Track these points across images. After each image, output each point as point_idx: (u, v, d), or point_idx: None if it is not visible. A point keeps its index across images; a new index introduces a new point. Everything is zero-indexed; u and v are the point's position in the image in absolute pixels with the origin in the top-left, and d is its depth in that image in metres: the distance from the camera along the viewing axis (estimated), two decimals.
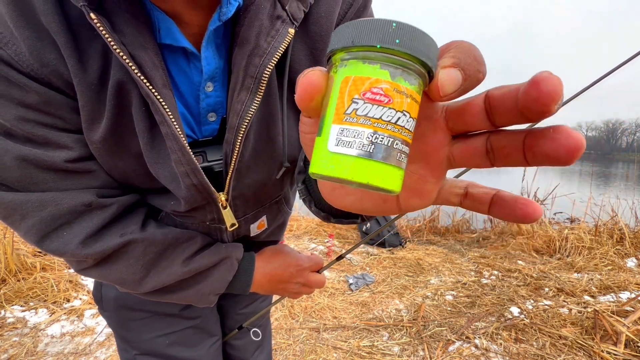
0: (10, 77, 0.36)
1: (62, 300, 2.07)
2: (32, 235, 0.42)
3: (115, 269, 0.46)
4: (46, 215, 0.41)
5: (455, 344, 1.89)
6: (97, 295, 0.64)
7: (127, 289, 0.50)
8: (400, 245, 3.68)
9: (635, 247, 3.55)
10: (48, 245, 0.42)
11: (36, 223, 0.41)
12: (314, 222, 4.36)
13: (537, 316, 2.18)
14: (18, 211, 0.40)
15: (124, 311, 0.61)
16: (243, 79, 0.41)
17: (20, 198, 0.40)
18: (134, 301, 0.61)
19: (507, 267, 3.09)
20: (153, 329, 0.62)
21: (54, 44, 0.36)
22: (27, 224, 0.41)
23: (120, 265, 0.46)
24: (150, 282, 0.48)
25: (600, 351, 1.77)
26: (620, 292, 2.55)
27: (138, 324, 0.62)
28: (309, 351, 1.81)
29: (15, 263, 2.16)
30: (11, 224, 0.42)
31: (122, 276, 0.47)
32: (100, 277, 0.48)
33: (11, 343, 1.72)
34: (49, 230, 0.42)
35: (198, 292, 0.52)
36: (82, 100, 0.39)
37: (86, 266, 0.46)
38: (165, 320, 0.63)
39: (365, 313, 2.25)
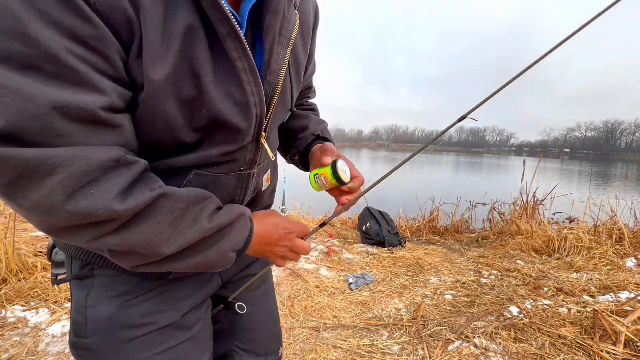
0: (77, 6, 0.34)
1: (63, 299, 2.07)
2: (57, 195, 0.37)
3: (141, 229, 0.43)
4: (75, 170, 0.37)
5: (454, 343, 1.90)
6: (79, 320, 0.56)
7: (148, 253, 0.45)
8: (400, 244, 3.69)
9: (634, 246, 3.56)
10: (74, 205, 0.38)
11: (64, 180, 0.36)
12: (314, 222, 4.37)
13: (536, 316, 2.19)
14: (42, 167, 0.35)
15: (118, 332, 0.55)
16: (278, 37, 0.52)
17: (46, 152, 0.35)
18: (134, 316, 0.56)
19: (506, 267, 3.10)
20: (151, 346, 0.57)
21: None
22: (51, 182, 0.36)
23: (147, 224, 0.43)
24: (175, 242, 0.46)
25: (599, 351, 1.78)
26: (620, 291, 2.56)
27: (134, 344, 0.56)
28: (309, 350, 1.81)
29: (16, 263, 2.16)
30: (25, 186, 0.36)
31: (148, 236, 0.44)
32: (122, 242, 0.43)
33: (12, 343, 1.72)
34: (77, 188, 0.38)
35: (219, 250, 0.51)
36: (150, 36, 0.40)
37: (108, 231, 0.42)
38: (164, 334, 0.59)
39: (365, 312, 2.26)
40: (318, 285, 2.60)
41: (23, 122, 0.34)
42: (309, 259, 3.16)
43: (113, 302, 0.55)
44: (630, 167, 19.83)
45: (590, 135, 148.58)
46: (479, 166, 29.42)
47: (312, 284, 2.60)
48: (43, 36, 0.34)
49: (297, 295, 2.42)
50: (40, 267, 2.23)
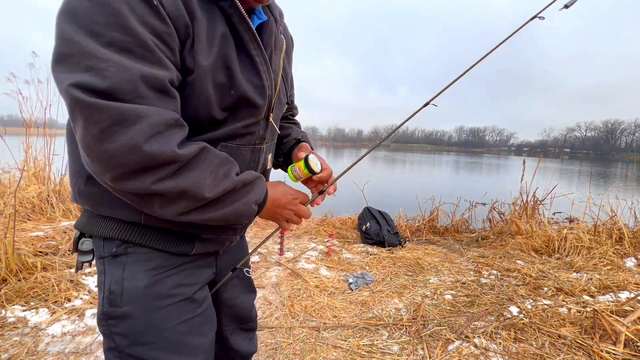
0: (159, 12, 0.53)
1: (63, 299, 2.07)
2: (139, 138, 0.50)
3: (192, 174, 0.56)
4: (152, 122, 0.51)
5: (454, 343, 1.90)
6: (116, 290, 0.65)
7: (195, 196, 0.57)
8: (400, 244, 3.69)
9: (634, 246, 3.56)
10: (150, 147, 0.51)
11: (144, 128, 0.51)
12: (314, 222, 4.37)
13: (536, 315, 2.19)
14: (131, 117, 0.49)
15: (151, 300, 0.66)
16: (274, 49, 0.75)
17: (134, 107, 0.50)
18: (164, 287, 0.68)
19: (506, 267, 3.10)
20: (174, 316, 0.68)
21: (178, 3, 0.56)
22: (135, 129, 0.50)
23: (196, 171, 0.57)
24: (215, 188, 0.59)
25: (599, 351, 1.78)
26: (620, 291, 2.56)
27: (162, 313, 0.67)
28: (309, 350, 1.81)
29: (16, 263, 2.16)
30: (116, 131, 0.49)
31: (196, 181, 0.56)
32: (177, 184, 0.55)
33: (12, 343, 1.72)
34: (154, 133, 0.52)
35: (246, 202, 0.65)
36: (200, 37, 0.59)
37: (167, 174, 0.54)
38: (184, 306, 0.70)
39: (364, 312, 2.26)
40: (318, 285, 2.60)
41: (121, 85, 0.49)
42: (309, 259, 3.16)
43: (147, 275, 0.66)
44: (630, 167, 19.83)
45: (590, 135, 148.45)
46: (479, 166, 29.42)
47: (312, 284, 2.60)
48: (137, 29, 0.51)
49: (297, 295, 2.42)
50: (40, 267, 2.23)
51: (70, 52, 0.49)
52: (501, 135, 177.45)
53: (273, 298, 2.36)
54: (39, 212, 3.19)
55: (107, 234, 0.67)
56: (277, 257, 3.15)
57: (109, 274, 0.67)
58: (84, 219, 0.71)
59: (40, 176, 3.56)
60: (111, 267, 0.67)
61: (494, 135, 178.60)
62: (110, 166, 0.51)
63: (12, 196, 2.94)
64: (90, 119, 0.49)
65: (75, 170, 0.68)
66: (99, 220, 0.68)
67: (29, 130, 3.51)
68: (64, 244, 2.56)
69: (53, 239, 2.61)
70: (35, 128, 3.56)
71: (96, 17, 0.49)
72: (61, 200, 3.33)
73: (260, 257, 3.13)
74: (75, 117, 0.50)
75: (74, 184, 0.69)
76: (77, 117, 0.50)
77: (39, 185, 3.42)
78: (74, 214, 3.30)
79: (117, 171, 0.52)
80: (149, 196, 0.56)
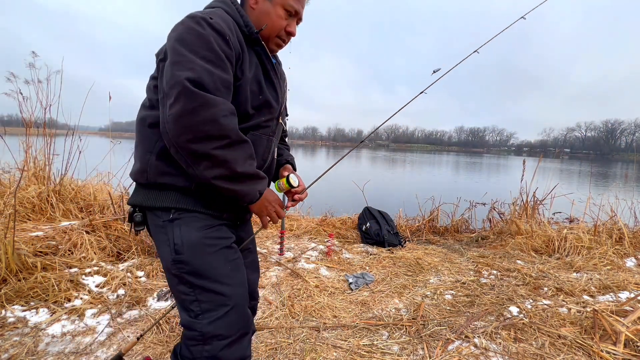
0: (228, 43, 0.91)
1: (63, 299, 2.07)
2: (216, 115, 0.84)
3: (235, 151, 0.89)
4: (224, 107, 0.86)
5: (454, 343, 1.90)
6: (179, 243, 0.92)
7: (230, 166, 0.88)
8: (400, 244, 3.69)
9: (634, 247, 3.56)
10: (223, 120, 0.85)
11: (219, 110, 0.84)
12: (314, 222, 4.37)
13: (536, 315, 2.19)
14: (211, 102, 0.83)
15: (204, 247, 0.94)
16: (281, 79, 1.16)
17: (214, 97, 0.85)
18: (211, 238, 0.96)
19: (506, 267, 3.10)
20: (222, 258, 0.97)
21: (237, 41, 0.95)
22: (214, 109, 0.84)
23: (238, 151, 0.89)
24: (244, 168, 0.91)
25: (599, 351, 1.78)
26: (620, 291, 2.56)
27: (212, 256, 0.95)
28: (309, 350, 1.81)
29: (16, 263, 2.16)
30: (200, 109, 0.82)
31: (235, 157, 0.88)
32: (224, 155, 0.87)
33: (12, 343, 1.72)
34: (226, 114, 0.86)
35: (255, 188, 0.97)
36: (246, 60, 0.98)
37: (222, 144, 0.86)
38: (228, 250, 1.00)
39: (365, 312, 2.26)
40: (318, 285, 2.60)
41: (207, 82, 0.84)
42: (309, 259, 3.16)
43: (199, 231, 0.95)
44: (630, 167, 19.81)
45: (590, 135, 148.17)
46: (479, 166, 29.41)
47: (312, 284, 2.60)
48: (217, 50, 0.88)
49: (297, 295, 2.42)
50: (40, 267, 2.23)
51: (180, 60, 0.85)
52: (501, 135, 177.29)
53: (273, 298, 2.36)
54: (39, 212, 3.18)
55: (164, 205, 0.94)
56: (277, 257, 3.15)
57: (170, 232, 0.94)
58: (140, 196, 0.98)
59: (40, 176, 3.55)
60: (171, 228, 0.94)
61: (494, 135, 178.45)
62: (191, 131, 0.82)
63: (12, 196, 2.94)
64: (190, 99, 0.81)
65: (147, 150, 0.95)
66: (156, 195, 0.95)
67: (29, 130, 3.51)
68: (64, 244, 2.56)
69: (53, 239, 2.60)
70: (35, 128, 3.55)
71: (196, 41, 0.87)
72: (61, 200, 3.33)
73: (260, 257, 3.12)
74: (179, 98, 0.81)
75: (145, 161, 0.95)
76: (180, 98, 0.81)
77: (39, 185, 3.42)
78: (74, 213, 3.30)
79: (193, 134, 0.83)
80: (203, 158, 0.85)
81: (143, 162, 0.95)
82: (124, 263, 2.60)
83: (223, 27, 0.90)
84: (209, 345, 0.92)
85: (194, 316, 0.93)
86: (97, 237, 2.71)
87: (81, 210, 3.37)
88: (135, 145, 1.00)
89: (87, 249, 2.57)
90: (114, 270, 2.42)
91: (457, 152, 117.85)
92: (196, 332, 0.92)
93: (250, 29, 1.01)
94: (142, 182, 0.97)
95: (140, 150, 0.97)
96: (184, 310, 0.96)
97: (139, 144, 0.98)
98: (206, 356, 0.92)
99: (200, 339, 0.92)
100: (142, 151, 0.96)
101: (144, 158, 0.95)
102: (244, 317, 0.99)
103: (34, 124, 3.56)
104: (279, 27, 1.07)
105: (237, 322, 0.96)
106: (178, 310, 0.99)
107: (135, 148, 1.00)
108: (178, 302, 0.98)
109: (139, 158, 0.97)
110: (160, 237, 0.96)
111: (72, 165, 3.56)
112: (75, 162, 3.56)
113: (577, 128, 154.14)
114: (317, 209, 5.01)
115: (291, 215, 4.68)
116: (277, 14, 1.05)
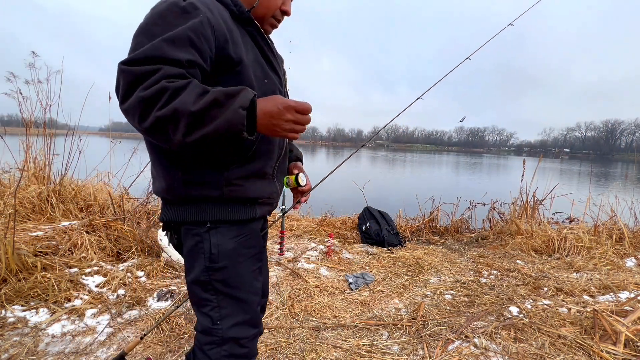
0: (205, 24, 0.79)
1: (63, 299, 2.07)
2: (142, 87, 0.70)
3: (177, 98, 0.70)
4: (160, 75, 0.72)
5: (454, 343, 1.90)
6: (215, 252, 0.91)
7: (185, 110, 0.70)
8: (400, 244, 3.69)
9: (634, 246, 3.56)
10: (145, 88, 0.70)
11: (166, 74, 0.72)
12: (314, 222, 4.37)
13: (536, 316, 2.19)
14: (137, 72, 0.71)
15: (237, 257, 0.94)
16: (282, 64, 1.11)
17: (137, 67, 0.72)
18: (244, 247, 0.96)
19: (506, 267, 3.10)
20: (250, 265, 0.98)
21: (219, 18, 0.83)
22: (149, 81, 0.71)
23: (181, 95, 0.70)
24: (198, 103, 0.71)
25: (599, 351, 1.78)
26: (620, 291, 2.56)
27: (244, 264, 0.96)
28: (309, 350, 1.81)
29: (16, 263, 2.16)
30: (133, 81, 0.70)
31: (182, 100, 0.70)
32: (170, 107, 0.70)
33: (12, 343, 1.72)
34: (154, 83, 0.71)
35: (232, 109, 0.73)
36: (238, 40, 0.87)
37: (163, 103, 0.70)
38: (254, 258, 0.99)
39: (365, 312, 2.26)
40: (318, 285, 2.60)
41: (139, 54, 0.73)
42: (309, 259, 3.16)
43: (233, 240, 0.93)
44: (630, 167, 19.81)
45: (590, 135, 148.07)
46: (479, 166, 29.41)
47: (312, 284, 2.60)
48: (171, 22, 0.77)
49: (297, 295, 2.42)
50: (40, 267, 2.23)
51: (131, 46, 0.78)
52: (501, 135, 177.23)
53: (273, 298, 2.36)
54: (39, 212, 3.18)
55: (199, 219, 0.91)
56: (277, 257, 3.15)
57: (207, 242, 0.91)
58: (172, 212, 0.93)
59: (40, 176, 3.55)
60: (208, 237, 0.91)
61: (494, 135, 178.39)
62: (136, 112, 0.72)
63: (12, 196, 2.94)
64: (123, 78, 0.72)
65: (170, 165, 0.88)
66: (189, 209, 0.91)
67: (29, 130, 3.51)
68: (64, 244, 2.56)
69: (53, 239, 2.60)
70: (35, 128, 3.55)
71: (150, 20, 0.78)
72: (61, 200, 3.33)
73: None
74: (117, 82, 0.73)
75: (171, 176, 0.89)
76: (119, 81, 0.72)
77: (39, 185, 3.42)
78: (74, 213, 3.30)
79: (138, 114, 0.71)
80: (160, 124, 0.70)
81: (168, 179, 0.89)
82: (124, 263, 2.60)
83: (195, 2, 0.80)
84: (227, 345, 0.95)
85: (213, 322, 0.94)
86: (97, 237, 2.71)
87: (81, 210, 3.37)
88: (152, 162, 0.94)
89: (87, 249, 2.57)
90: (114, 270, 2.42)
91: (457, 152, 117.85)
92: (215, 337, 0.94)
93: (240, 8, 0.91)
94: (171, 199, 0.92)
95: (159, 166, 0.91)
96: (204, 317, 0.95)
97: (156, 161, 0.92)
98: (224, 355, 0.94)
99: (219, 342, 0.94)
100: (164, 167, 0.90)
101: (168, 174, 0.89)
102: (257, 319, 1.02)
103: (34, 124, 3.56)
104: (275, 6, 0.98)
105: (252, 325, 0.99)
106: (196, 316, 0.99)
107: (153, 165, 0.94)
108: (198, 309, 0.97)
109: (163, 175, 0.91)
110: (194, 247, 0.93)
111: (72, 165, 3.56)
112: (75, 162, 3.56)
113: (577, 128, 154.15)
114: (317, 209, 5.01)
115: (291, 215, 4.68)
116: None
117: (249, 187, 0.93)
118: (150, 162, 0.96)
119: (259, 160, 0.95)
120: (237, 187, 0.91)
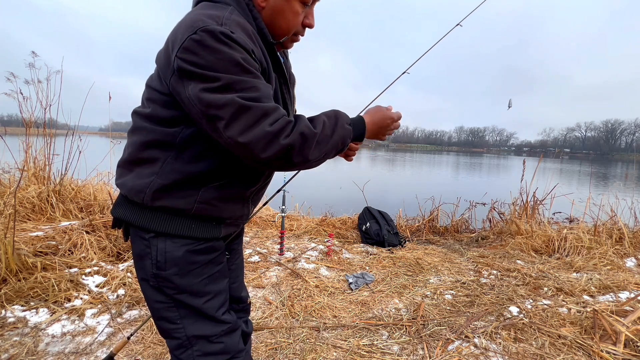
0: (254, 57, 0.82)
1: (63, 299, 2.07)
2: (268, 123, 0.77)
3: (300, 125, 0.81)
4: (280, 112, 0.80)
5: (454, 343, 1.90)
6: (162, 259, 0.88)
7: (312, 132, 0.82)
8: (400, 244, 3.69)
9: (634, 246, 3.56)
10: (274, 125, 0.78)
11: (277, 116, 0.79)
12: (314, 222, 4.37)
13: (536, 315, 2.19)
14: (264, 109, 0.78)
15: (185, 265, 0.89)
16: (293, 84, 1.10)
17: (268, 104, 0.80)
18: (192, 257, 0.90)
19: (506, 267, 3.10)
20: (199, 274, 0.92)
21: (260, 54, 0.86)
22: (273, 117, 0.78)
23: (301, 123, 0.83)
24: (317, 125, 0.86)
25: (599, 351, 1.78)
26: (620, 291, 2.56)
27: (192, 273, 0.91)
28: (309, 350, 1.81)
29: (16, 263, 2.16)
30: (261, 117, 0.77)
31: (305, 124, 0.83)
32: (296, 131, 0.80)
33: (12, 343, 1.72)
34: (278, 118, 0.79)
35: (341, 126, 0.89)
36: (270, 74, 0.90)
37: (289, 132, 0.79)
38: (206, 267, 0.93)
39: (365, 312, 2.26)
40: (318, 285, 2.60)
41: (255, 96, 0.79)
42: (309, 259, 3.16)
43: (181, 248, 0.89)
44: (630, 167, 19.81)
45: (590, 135, 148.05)
46: (479, 166, 29.41)
47: (312, 284, 2.60)
48: (247, 67, 0.79)
49: (297, 295, 2.42)
50: (40, 267, 2.23)
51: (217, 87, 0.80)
52: (501, 135, 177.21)
53: (273, 298, 2.36)
54: (39, 212, 3.18)
55: (153, 228, 0.88)
56: (277, 257, 3.15)
57: (154, 248, 0.88)
58: (128, 212, 0.91)
59: (40, 176, 3.55)
60: (156, 243, 0.88)
61: (494, 135, 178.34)
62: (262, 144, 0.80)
63: (12, 196, 2.94)
64: (248, 114, 0.79)
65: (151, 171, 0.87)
66: (147, 215, 0.88)
67: (29, 130, 3.51)
68: (64, 244, 2.56)
69: (53, 239, 2.60)
70: (35, 128, 3.55)
71: (227, 65, 0.79)
72: (61, 200, 3.33)
73: (260, 257, 3.13)
74: (238, 116, 0.77)
75: (147, 182, 0.86)
76: (241, 115, 0.77)
77: (39, 185, 3.42)
78: (74, 213, 3.30)
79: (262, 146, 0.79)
80: (286, 150, 0.78)
81: (144, 183, 0.86)
82: (124, 263, 2.60)
83: (247, 42, 0.79)
84: (197, 345, 0.92)
85: (173, 322, 0.92)
86: (97, 237, 2.71)
87: (81, 210, 3.37)
88: (131, 161, 0.90)
89: (87, 249, 2.57)
90: (114, 270, 2.42)
91: (457, 152, 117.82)
92: (180, 339, 0.92)
93: (266, 37, 0.89)
94: (138, 200, 0.88)
95: (139, 169, 0.88)
96: (163, 320, 0.92)
97: (138, 163, 0.89)
98: (198, 355, 0.92)
99: (187, 343, 0.92)
100: (144, 171, 0.87)
101: (145, 179, 0.86)
102: (221, 319, 0.97)
103: (34, 124, 3.56)
104: (295, 25, 0.93)
105: (217, 322, 0.95)
106: (156, 325, 0.95)
107: (131, 164, 0.90)
108: (154, 312, 0.93)
109: (139, 177, 0.87)
110: (140, 248, 0.90)
111: (72, 165, 3.57)
112: (75, 162, 3.57)
113: (577, 128, 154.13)
114: (317, 209, 5.01)
115: (291, 215, 4.68)
116: (293, 10, 0.90)
117: (223, 208, 0.92)
118: (129, 157, 0.91)
119: (242, 185, 0.94)
120: (210, 206, 0.89)
